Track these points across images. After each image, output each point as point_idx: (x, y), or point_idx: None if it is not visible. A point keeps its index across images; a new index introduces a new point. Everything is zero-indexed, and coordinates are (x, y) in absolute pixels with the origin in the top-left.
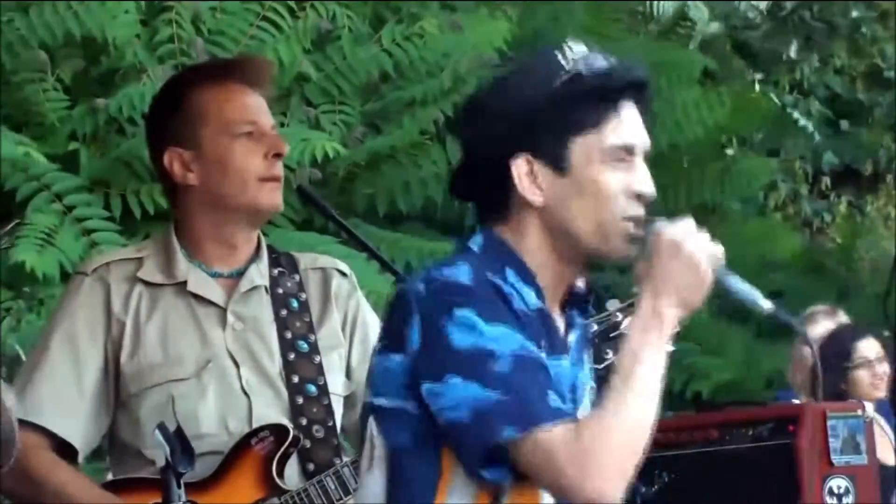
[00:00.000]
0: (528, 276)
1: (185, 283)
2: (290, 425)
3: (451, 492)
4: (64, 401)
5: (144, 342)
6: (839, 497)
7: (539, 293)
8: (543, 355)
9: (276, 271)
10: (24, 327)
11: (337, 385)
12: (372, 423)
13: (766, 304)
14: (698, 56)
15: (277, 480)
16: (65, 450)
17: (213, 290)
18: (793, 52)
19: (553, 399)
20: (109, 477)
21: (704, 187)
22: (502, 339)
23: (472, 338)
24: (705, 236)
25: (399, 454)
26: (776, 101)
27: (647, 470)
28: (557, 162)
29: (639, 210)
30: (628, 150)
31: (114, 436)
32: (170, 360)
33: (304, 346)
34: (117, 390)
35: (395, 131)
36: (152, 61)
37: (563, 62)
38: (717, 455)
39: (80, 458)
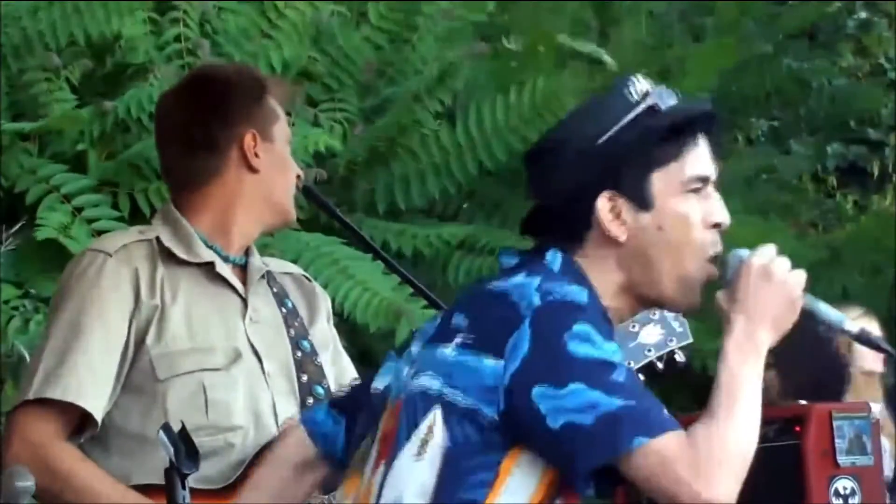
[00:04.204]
0: (603, 312)
1: (209, 264)
2: None
3: (504, 492)
4: (102, 382)
5: (171, 326)
6: (845, 498)
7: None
8: None
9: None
10: (32, 328)
11: (333, 387)
12: (437, 414)
13: (853, 327)
14: None
15: None
16: (77, 430)
17: (233, 276)
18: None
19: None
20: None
21: None
22: (616, 354)
23: (593, 350)
24: (787, 262)
25: (459, 452)
26: None
27: None
28: (640, 197)
29: (717, 242)
30: (704, 181)
31: (114, 423)
32: (200, 348)
33: (306, 345)
34: (128, 375)
35: (390, 120)
36: (160, 60)
37: (632, 98)
38: None
39: (83, 438)
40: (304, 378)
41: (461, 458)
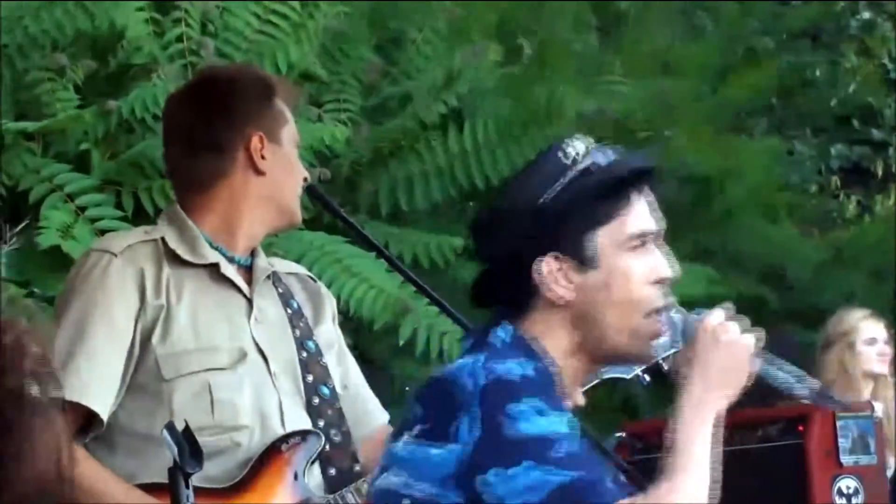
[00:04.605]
0: (551, 381)
1: (214, 265)
2: (320, 431)
3: None
4: (107, 381)
5: (176, 327)
6: (848, 497)
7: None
8: None
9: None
10: None
11: (338, 387)
12: None
13: (807, 389)
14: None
15: (311, 488)
16: (81, 429)
17: (238, 277)
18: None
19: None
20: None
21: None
22: (561, 426)
23: (537, 426)
24: (739, 325)
25: None
26: None
27: (656, 471)
28: (583, 256)
29: (664, 297)
30: (646, 237)
31: (119, 423)
32: (205, 348)
33: (311, 345)
34: (133, 375)
35: (395, 123)
36: (163, 60)
37: (569, 159)
38: (726, 455)
39: (87, 438)
40: (310, 378)
41: None
